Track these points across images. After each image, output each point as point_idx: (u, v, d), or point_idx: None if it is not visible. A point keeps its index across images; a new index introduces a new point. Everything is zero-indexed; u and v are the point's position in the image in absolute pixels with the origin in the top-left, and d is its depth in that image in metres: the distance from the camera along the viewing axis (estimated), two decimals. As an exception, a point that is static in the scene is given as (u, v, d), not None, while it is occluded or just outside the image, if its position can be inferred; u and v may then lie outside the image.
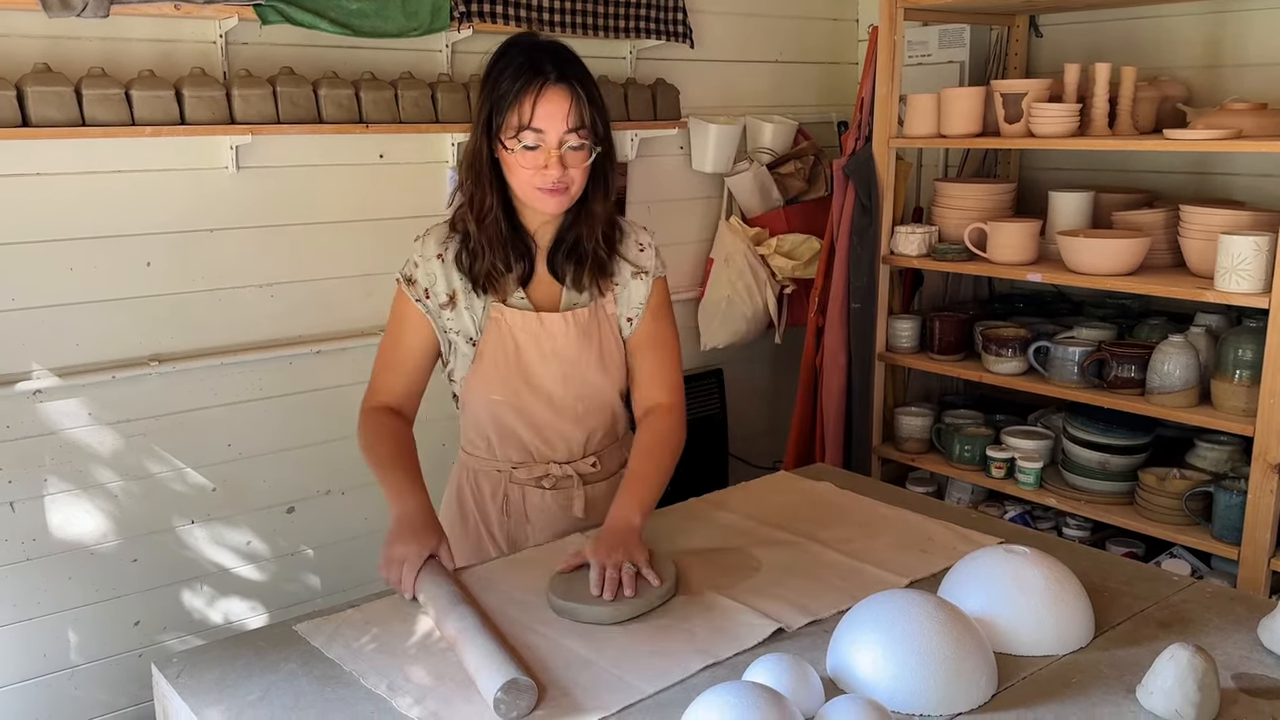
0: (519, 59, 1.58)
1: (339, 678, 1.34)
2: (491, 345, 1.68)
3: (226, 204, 2.52)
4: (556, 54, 1.59)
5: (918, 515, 1.84)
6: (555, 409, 1.73)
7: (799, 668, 1.22)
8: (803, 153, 3.41)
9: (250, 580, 2.71)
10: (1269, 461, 2.28)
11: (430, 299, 1.68)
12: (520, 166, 1.58)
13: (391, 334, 1.73)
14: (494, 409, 1.73)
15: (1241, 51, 2.77)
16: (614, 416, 1.82)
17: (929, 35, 3.23)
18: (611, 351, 1.74)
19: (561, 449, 1.77)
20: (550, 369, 1.70)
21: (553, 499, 1.79)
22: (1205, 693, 1.20)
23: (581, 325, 1.70)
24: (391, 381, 1.73)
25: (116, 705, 2.55)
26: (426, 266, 1.69)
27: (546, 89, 1.55)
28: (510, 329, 1.67)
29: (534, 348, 1.68)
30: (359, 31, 2.49)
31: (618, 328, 1.75)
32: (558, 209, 1.63)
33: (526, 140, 1.56)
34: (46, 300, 2.33)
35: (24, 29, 2.21)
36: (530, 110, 1.55)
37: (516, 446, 1.76)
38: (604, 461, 1.82)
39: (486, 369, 1.69)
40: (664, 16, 3.07)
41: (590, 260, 1.69)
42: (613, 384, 1.77)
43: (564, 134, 1.56)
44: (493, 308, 1.67)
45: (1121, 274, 2.52)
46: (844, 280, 3.09)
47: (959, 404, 3.22)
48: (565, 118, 1.56)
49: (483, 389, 1.71)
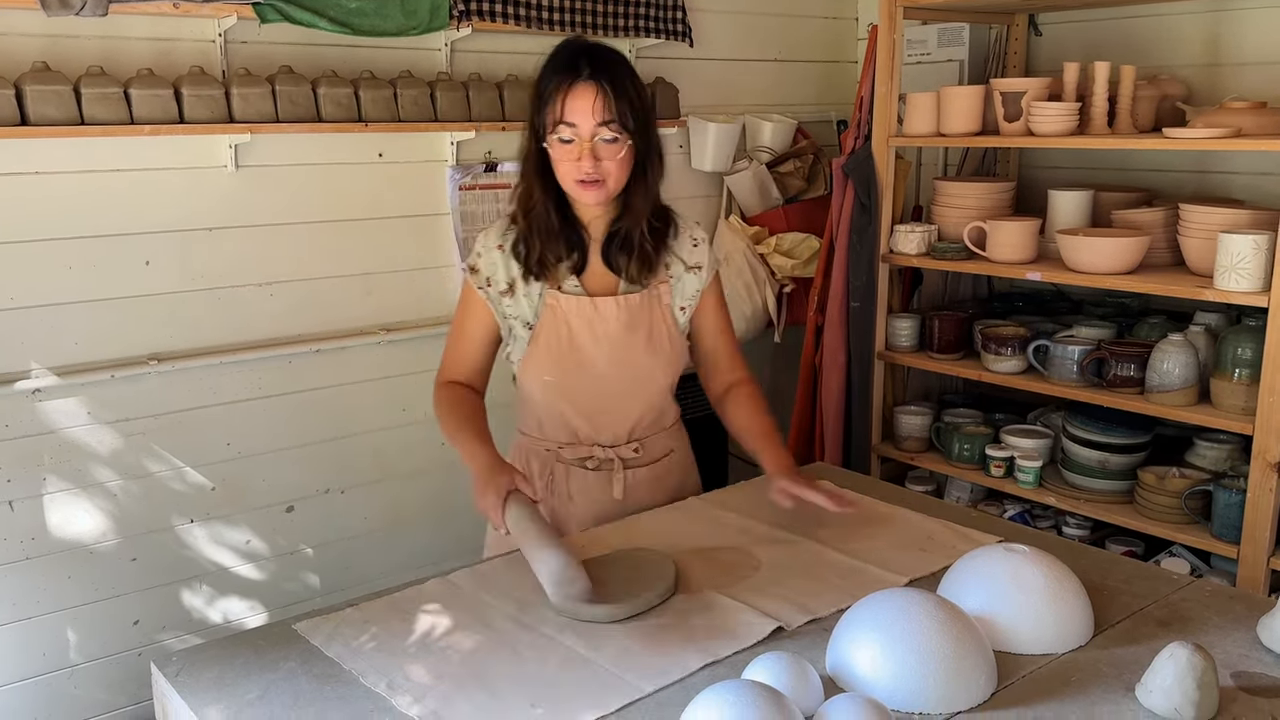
0: (560, 59, 1.69)
1: (338, 676, 1.34)
2: (546, 329, 1.77)
3: (225, 203, 2.52)
4: (593, 53, 1.69)
5: (917, 514, 1.84)
6: (603, 391, 1.81)
7: (798, 666, 1.22)
8: (802, 151, 3.41)
9: (249, 579, 2.71)
10: (1268, 460, 2.28)
11: (491, 287, 1.79)
12: (562, 160, 1.68)
13: (458, 319, 1.86)
14: (546, 390, 1.82)
15: (1240, 50, 2.77)
16: (661, 404, 1.90)
17: (928, 34, 3.23)
18: (662, 338, 1.82)
19: (607, 432, 1.86)
20: (601, 351, 1.78)
21: (595, 480, 1.87)
22: (1204, 691, 1.20)
23: (633, 309, 1.79)
24: (457, 362, 1.85)
25: (116, 704, 2.55)
26: (488, 256, 1.80)
27: (576, 85, 1.65)
28: (564, 314, 1.77)
29: (586, 331, 1.77)
30: (358, 30, 2.48)
31: (672, 317, 1.83)
32: (594, 201, 1.71)
33: (562, 134, 1.67)
34: (45, 299, 2.32)
35: (23, 27, 2.21)
36: (562, 105, 1.66)
37: (564, 428, 1.85)
38: (646, 448, 1.90)
39: (540, 351, 1.78)
40: (663, 15, 3.07)
41: (636, 252, 1.78)
42: (662, 369, 1.84)
43: (595, 127, 1.66)
44: (548, 294, 1.77)
45: (1121, 273, 2.52)
46: (843, 279, 3.09)
47: (958, 403, 3.22)
48: (594, 111, 1.65)
49: (537, 370, 1.80)
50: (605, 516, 1.84)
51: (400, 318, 2.84)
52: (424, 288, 2.87)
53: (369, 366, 2.80)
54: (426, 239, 2.84)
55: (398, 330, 2.81)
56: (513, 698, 1.28)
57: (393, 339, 2.80)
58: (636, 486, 1.88)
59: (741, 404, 1.93)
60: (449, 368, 1.86)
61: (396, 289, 2.82)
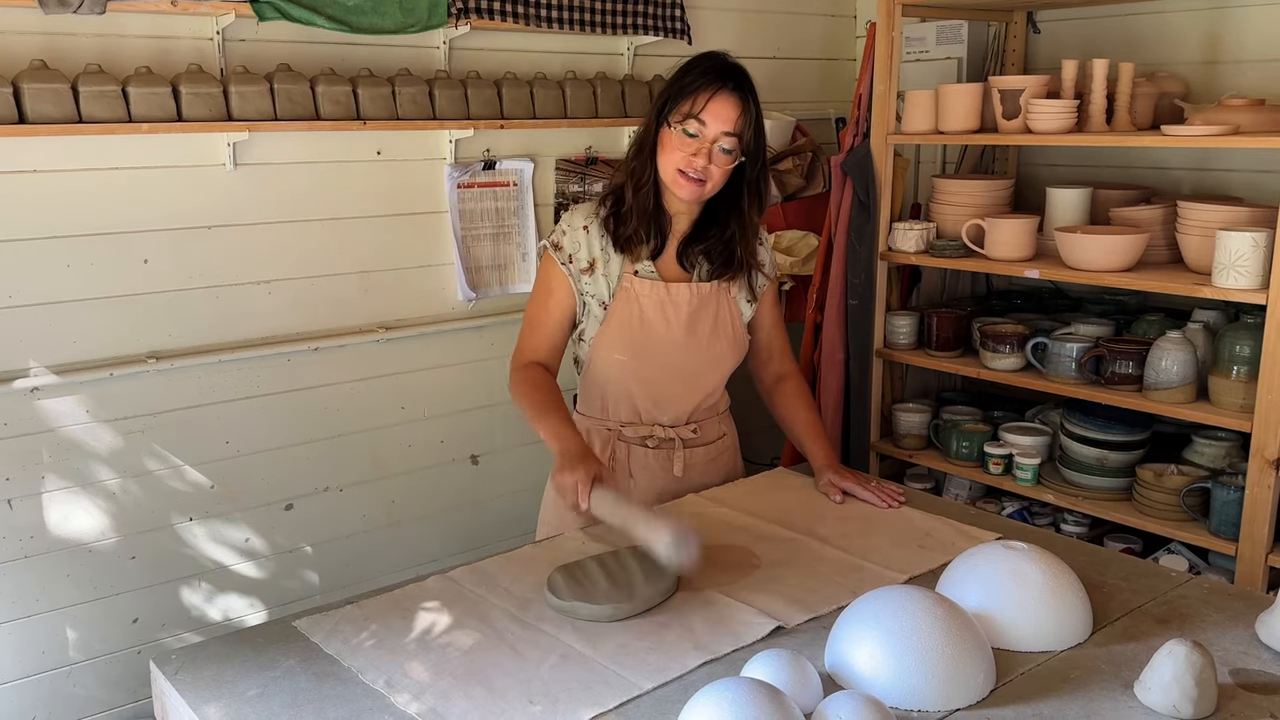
0: (712, 64, 1.83)
1: (337, 674, 1.34)
2: (620, 309, 1.89)
3: (224, 201, 2.51)
4: (741, 72, 1.85)
5: (916, 511, 1.84)
6: (670, 373, 1.92)
7: (797, 664, 1.22)
8: (800, 149, 3.41)
9: (249, 577, 2.71)
10: (1266, 457, 2.29)
11: (573, 264, 1.90)
12: (675, 149, 1.80)
13: (539, 298, 1.94)
14: (616, 368, 1.92)
15: (1239, 47, 2.77)
16: (720, 389, 2.03)
17: (927, 31, 3.23)
18: (726, 325, 1.95)
19: (669, 412, 1.96)
20: (673, 334, 1.89)
21: (655, 458, 1.97)
22: (1203, 688, 1.20)
23: (703, 296, 1.92)
24: (539, 342, 1.93)
25: (115, 702, 2.55)
26: (573, 235, 1.91)
27: (722, 92, 1.80)
28: (638, 296, 1.89)
29: (658, 314, 1.89)
30: (356, 28, 2.48)
31: (738, 308, 1.97)
32: (690, 196, 1.83)
33: (689, 127, 1.79)
34: (44, 297, 2.32)
35: (20, 25, 2.20)
36: (704, 103, 1.79)
37: (628, 406, 1.95)
38: (703, 430, 2.01)
39: (614, 329, 1.90)
40: (661, 13, 3.07)
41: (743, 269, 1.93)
42: (726, 356, 1.96)
43: (721, 134, 1.79)
44: (625, 276, 1.88)
45: (1119, 270, 2.52)
46: (842, 277, 3.09)
47: (957, 400, 3.22)
48: (729, 121, 1.79)
49: (608, 348, 1.91)
50: (665, 493, 1.95)
51: (399, 316, 2.84)
52: (423, 286, 2.86)
53: (368, 364, 2.80)
54: (425, 237, 2.84)
55: (396, 328, 2.81)
56: (511, 695, 1.28)
57: (391, 337, 2.80)
58: (693, 466, 1.99)
59: (790, 397, 2.09)
60: (531, 348, 1.93)
61: (395, 287, 2.82)
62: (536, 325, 1.94)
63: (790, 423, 2.09)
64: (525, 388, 1.87)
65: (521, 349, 1.95)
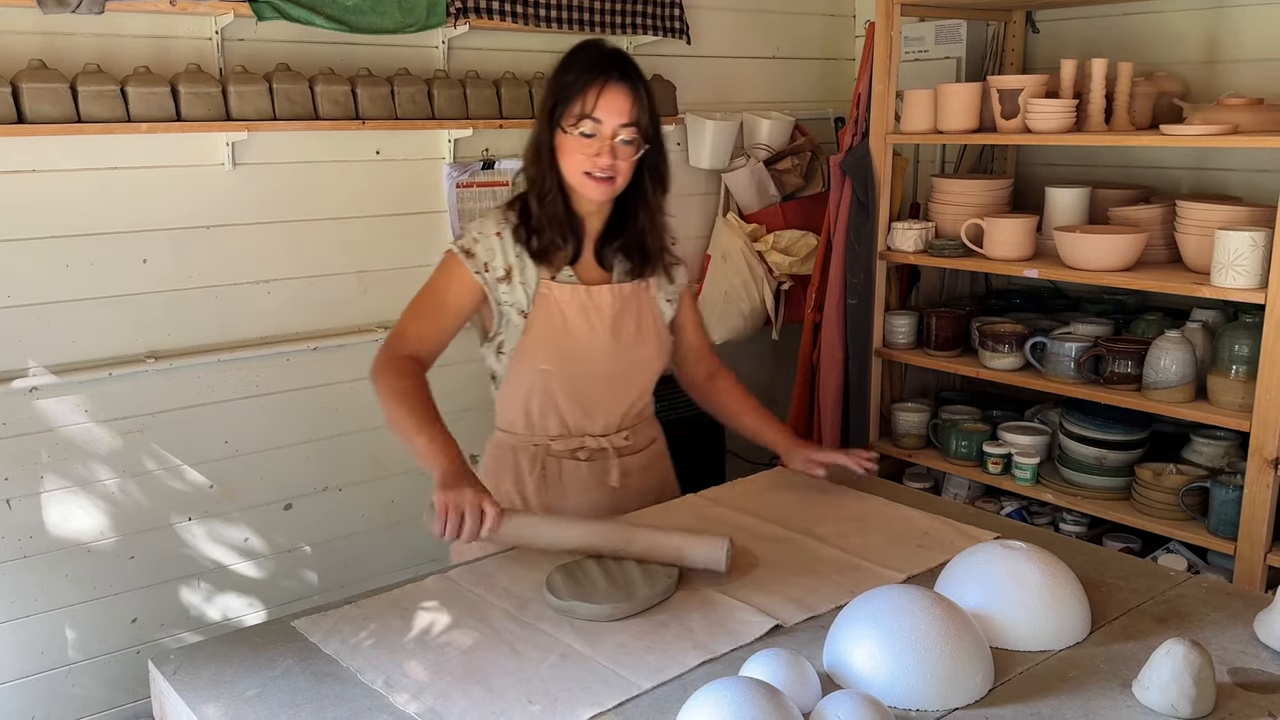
0: (588, 57, 1.76)
1: (336, 674, 1.34)
2: (542, 317, 1.80)
3: (223, 201, 2.51)
4: (622, 57, 1.77)
5: (914, 510, 1.84)
6: (599, 379, 1.85)
7: (796, 663, 1.22)
8: (800, 149, 3.41)
9: (248, 577, 2.71)
10: (1265, 456, 2.29)
11: (489, 273, 1.80)
12: (575, 152, 1.73)
13: (435, 290, 1.83)
14: (541, 379, 1.83)
15: (1238, 47, 2.77)
16: (649, 393, 1.95)
17: (926, 31, 3.23)
18: (650, 326, 1.88)
19: (599, 421, 1.88)
20: (598, 338, 1.82)
21: (588, 470, 1.88)
22: (1201, 687, 1.20)
23: (625, 298, 1.85)
24: (424, 330, 1.82)
25: (114, 702, 2.55)
26: (486, 242, 1.81)
27: (610, 84, 1.71)
28: (558, 302, 1.80)
29: (582, 319, 1.81)
30: (355, 28, 2.48)
31: (659, 308, 1.90)
32: (601, 196, 1.77)
33: (585, 128, 1.72)
34: (43, 297, 2.32)
35: (19, 25, 2.20)
36: (594, 101, 1.71)
37: (556, 419, 1.86)
38: (635, 436, 1.94)
39: (536, 339, 1.81)
40: (660, 13, 3.07)
41: (659, 260, 1.87)
42: (653, 357, 1.90)
43: (618, 127, 1.72)
44: (543, 284, 1.80)
45: (1118, 270, 2.52)
46: (841, 276, 3.09)
47: (956, 400, 3.23)
48: (623, 112, 1.72)
49: (532, 359, 1.82)
50: (601, 506, 1.86)
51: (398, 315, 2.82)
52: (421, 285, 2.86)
53: (366, 364, 2.76)
54: (424, 236, 2.84)
55: (395, 328, 2.81)
56: (511, 694, 1.28)
57: (390, 337, 2.80)
58: (629, 474, 1.91)
59: (729, 392, 2.05)
60: (416, 336, 1.81)
61: (394, 286, 2.81)
62: (428, 314, 1.83)
63: (738, 414, 2.04)
64: (403, 381, 1.73)
65: (404, 335, 1.81)
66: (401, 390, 1.72)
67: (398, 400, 1.71)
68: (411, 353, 1.80)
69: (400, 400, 1.71)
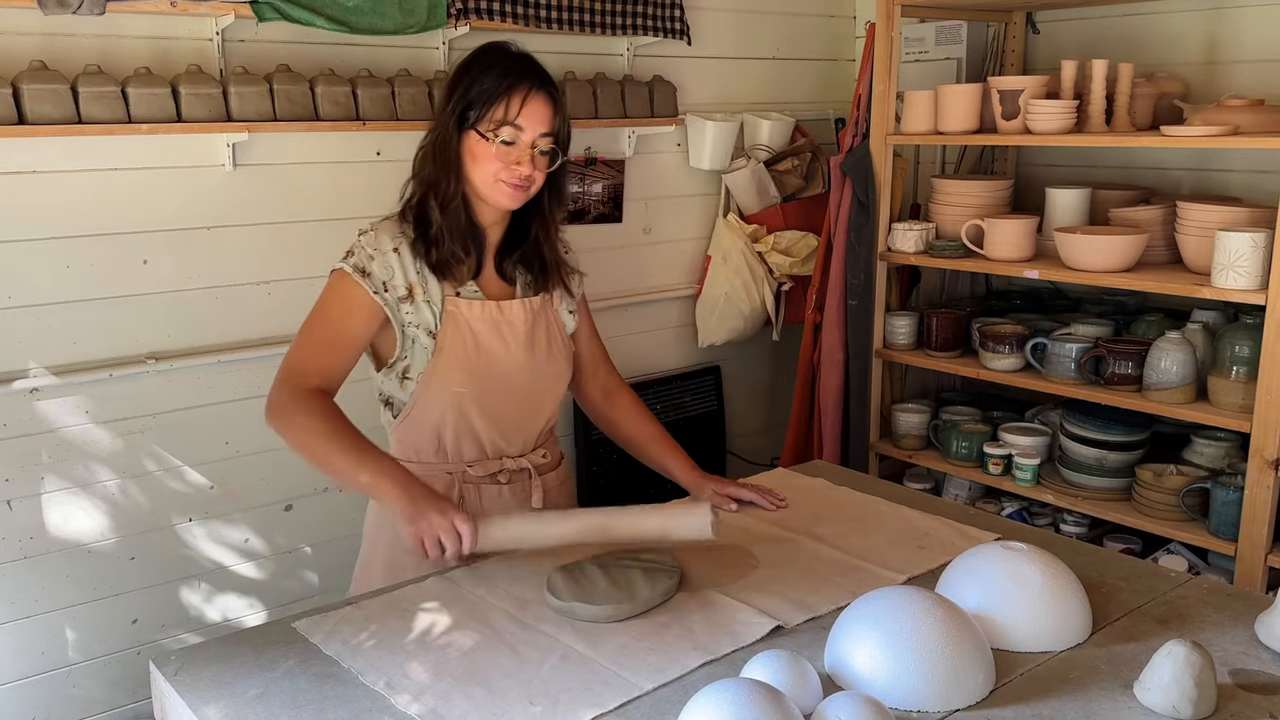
0: (505, 61, 1.69)
1: (337, 675, 1.34)
2: (451, 337, 1.71)
3: (223, 202, 2.51)
4: (537, 64, 1.71)
5: (915, 512, 1.84)
6: (514, 397, 1.78)
7: (797, 665, 1.22)
8: (800, 150, 3.41)
9: (248, 578, 2.71)
10: (1265, 457, 2.29)
11: (389, 293, 1.69)
12: (491, 159, 1.66)
13: (330, 315, 1.70)
14: (455, 402, 1.74)
15: (1239, 47, 2.77)
16: (558, 408, 1.89)
17: (926, 32, 3.23)
18: (558, 339, 1.83)
19: (517, 441, 1.82)
20: (512, 355, 1.75)
21: (510, 493, 1.81)
22: (1202, 689, 1.20)
23: (535, 312, 1.79)
24: (326, 363, 1.68)
25: (115, 703, 2.55)
26: (383, 260, 1.70)
27: (534, 93, 1.66)
28: (468, 319, 1.72)
29: (494, 336, 1.74)
30: (355, 29, 2.48)
31: (562, 322, 1.86)
32: (514, 204, 1.71)
33: (505, 135, 1.66)
34: (43, 298, 2.32)
35: (20, 26, 2.20)
36: (518, 108, 1.65)
37: (472, 443, 1.78)
38: (550, 453, 1.89)
39: (448, 360, 1.71)
40: (661, 14, 3.07)
41: (557, 272, 1.82)
42: (562, 371, 1.85)
43: (539, 136, 1.67)
44: (449, 301, 1.71)
45: (1118, 271, 2.52)
46: (841, 277, 3.09)
47: (956, 401, 3.23)
48: (544, 121, 1.67)
49: (445, 381, 1.72)
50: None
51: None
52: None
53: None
54: (424, 237, 2.83)
55: (396, 329, 2.81)
56: (512, 696, 1.28)
57: (391, 337, 2.80)
58: (550, 493, 1.86)
59: (629, 412, 1.97)
60: (319, 371, 1.67)
61: (395, 287, 2.81)
62: (331, 345, 1.68)
63: (639, 440, 1.94)
64: (318, 420, 1.60)
65: (303, 370, 1.65)
66: (323, 432, 1.60)
67: (322, 441, 1.60)
68: (316, 386, 1.66)
69: (325, 441, 1.60)
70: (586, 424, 3.15)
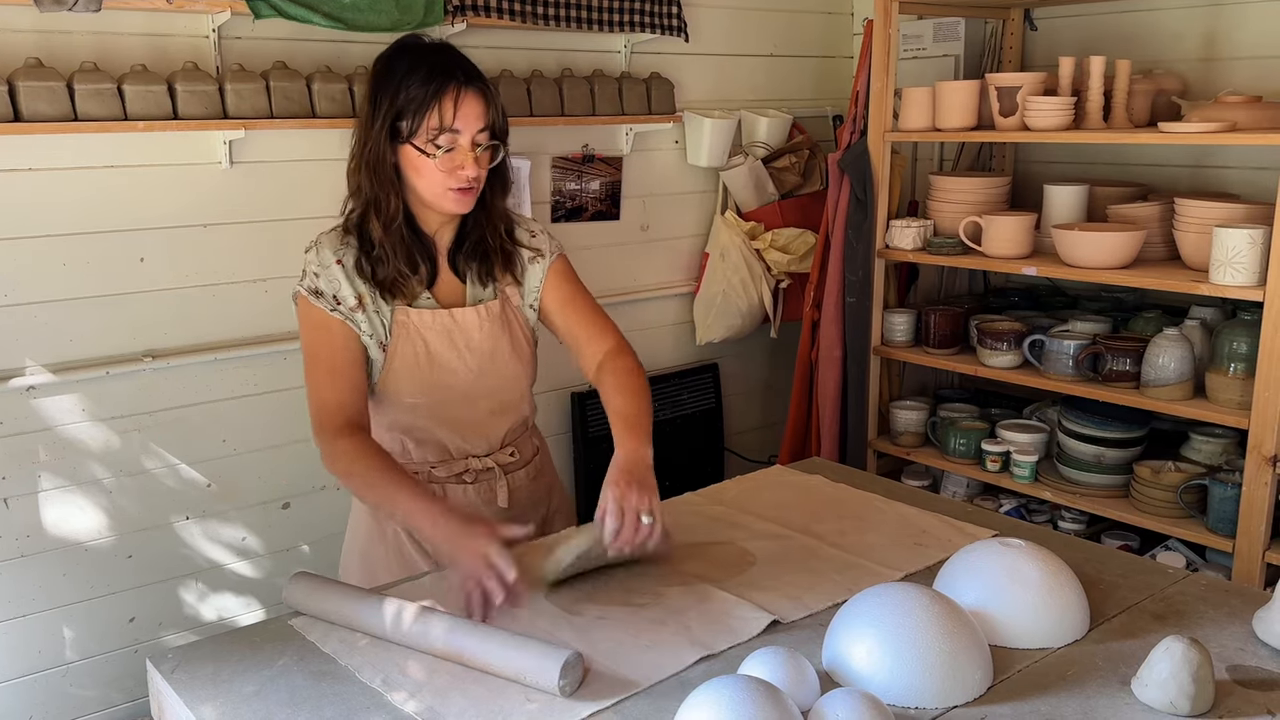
0: (425, 63, 1.61)
1: (334, 673, 1.34)
2: (402, 348, 1.67)
3: (220, 199, 2.51)
4: (459, 57, 1.63)
5: (913, 508, 1.84)
6: (473, 404, 1.74)
7: (794, 661, 1.22)
8: (798, 147, 3.41)
9: (245, 576, 2.71)
10: (1263, 454, 2.29)
11: (342, 305, 1.65)
12: (434, 169, 1.60)
13: (318, 349, 1.65)
14: (410, 412, 1.71)
15: (1236, 44, 2.77)
16: (528, 406, 1.85)
17: (924, 29, 3.23)
18: (520, 341, 1.77)
19: (481, 444, 1.79)
20: (467, 364, 1.70)
21: (475, 493, 1.78)
22: (1200, 685, 1.20)
23: (494, 316, 1.73)
24: (345, 394, 1.63)
25: (112, 701, 2.55)
26: (327, 275, 1.66)
27: (465, 92, 1.59)
28: (418, 330, 1.67)
29: (447, 345, 1.69)
30: (352, 25, 2.48)
31: (524, 318, 1.78)
32: (465, 209, 1.66)
33: (444, 142, 1.59)
34: (40, 296, 2.32)
35: (15, 23, 2.20)
36: (452, 112, 1.58)
37: (435, 446, 1.76)
38: (520, 449, 1.85)
39: (400, 372, 1.68)
40: (658, 10, 3.06)
41: (499, 255, 1.74)
42: (526, 373, 1.80)
43: (477, 134, 1.61)
44: (398, 310, 1.66)
45: (1116, 267, 2.52)
46: (839, 274, 3.09)
47: (954, 398, 3.23)
48: (480, 118, 1.61)
49: (398, 394, 1.70)
50: None
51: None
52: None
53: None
54: (422, 235, 2.83)
55: (393, 326, 2.80)
56: (508, 693, 1.28)
57: (388, 335, 2.79)
58: (517, 490, 1.83)
59: (611, 380, 1.73)
60: (339, 406, 1.61)
61: (392, 285, 2.81)
62: (332, 373, 1.62)
63: (609, 416, 1.69)
64: (367, 462, 1.56)
65: (328, 409, 1.61)
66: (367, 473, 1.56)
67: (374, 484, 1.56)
68: (349, 422, 1.62)
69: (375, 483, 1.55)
70: (585, 422, 3.15)
